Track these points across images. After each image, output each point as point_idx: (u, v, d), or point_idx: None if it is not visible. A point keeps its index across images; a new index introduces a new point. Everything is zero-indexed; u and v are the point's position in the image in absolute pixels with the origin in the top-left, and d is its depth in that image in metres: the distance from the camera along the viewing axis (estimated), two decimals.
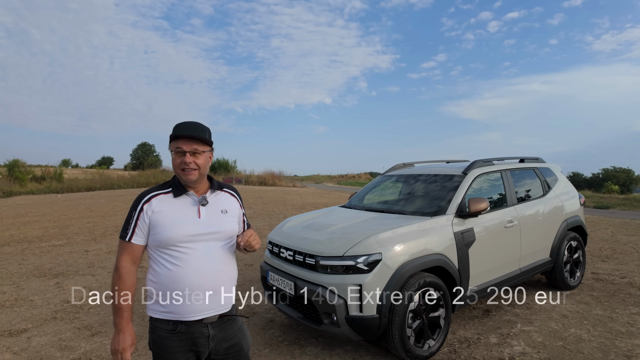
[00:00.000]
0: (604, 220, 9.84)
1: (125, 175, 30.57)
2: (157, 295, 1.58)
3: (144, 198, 1.59)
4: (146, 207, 1.57)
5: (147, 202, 1.58)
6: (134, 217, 1.57)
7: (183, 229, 1.55)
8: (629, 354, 2.96)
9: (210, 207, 1.64)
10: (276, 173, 31.36)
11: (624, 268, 5.30)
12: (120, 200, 16.16)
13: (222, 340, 1.64)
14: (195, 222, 1.58)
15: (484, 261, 3.43)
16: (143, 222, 1.56)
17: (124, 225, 1.58)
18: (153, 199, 1.59)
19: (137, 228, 1.56)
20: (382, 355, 3.03)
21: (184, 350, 1.58)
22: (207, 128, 1.63)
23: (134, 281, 1.58)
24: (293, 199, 16.10)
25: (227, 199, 1.73)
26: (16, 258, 6.46)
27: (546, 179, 4.51)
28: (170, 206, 1.59)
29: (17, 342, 3.38)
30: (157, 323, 1.59)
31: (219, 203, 1.68)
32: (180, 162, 1.56)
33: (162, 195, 1.60)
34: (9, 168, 25.31)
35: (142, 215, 1.56)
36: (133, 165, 54.28)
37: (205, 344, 1.60)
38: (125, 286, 1.55)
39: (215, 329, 1.62)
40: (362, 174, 52.26)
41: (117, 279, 1.55)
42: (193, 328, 1.57)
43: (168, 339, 1.56)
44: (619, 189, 25.31)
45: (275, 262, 3.40)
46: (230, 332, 1.67)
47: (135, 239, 1.57)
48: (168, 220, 1.56)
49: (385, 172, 4.88)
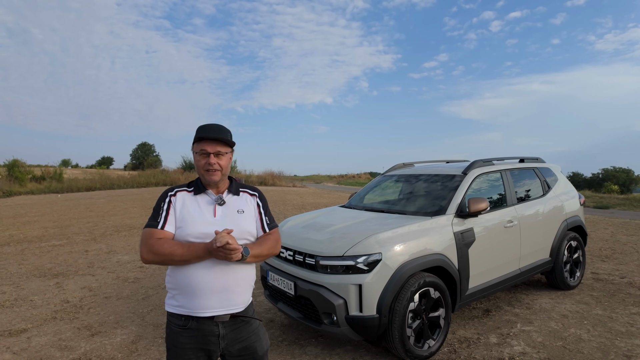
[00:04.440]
0: (603, 220, 9.84)
1: (125, 175, 30.54)
2: (172, 289, 1.62)
3: (171, 192, 1.66)
4: (173, 200, 1.64)
5: (173, 195, 1.65)
6: (164, 207, 1.62)
7: (198, 227, 1.59)
8: (628, 354, 2.96)
9: (227, 207, 1.68)
10: (276, 173, 31.36)
11: (623, 268, 5.30)
12: (120, 200, 16.15)
13: (234, 341, 1.64)
14: (210, 221, 1.62)
15: (483, 261, 3.43)
16: (172, 212, 1.62)
17: (153, 216, 1.61)
18: (178, 194, 1.67)
19: (169, 216, 1.61)
20: (382, 355, 3.03)
21: (195, 347, 1.59)
22: (228, 130, 1.69)
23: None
24: (293, 199, 16.09)
25: (246, 199, 1.75)
26: (16, 258, 6.46)
27: (546, 179, 4.51)
28: (190, 203, 1.65)
29: (17, 342, 3.37)
30: (171, 318, 1.64)
31: (236, 203, 1.71)
32: (204, 163, 1.62)
33: (184, 192, 1.68)
34: (9, 168, 25.27)
35: (171, 206, 1.63)
36: (133, 165, 54.25)
37: (216, 343, 1.60)
38: (170, 241, 1.55)
39: (227, 329, 1.62)
40: (362, 174, 52.25)
41: (159, 245, 1.52)
42: (203, 325, 1.58)
43: (179, 334, 1.59)
44: (619, 189, 25.33)
45: (275, 262, 3.40)
46: (244, 334, 1.66)
47: (168, 226, 1.59)
48: (186, 216, 1.61)
49: (385, 172, 4.88)
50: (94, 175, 28.58)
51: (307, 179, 47.26)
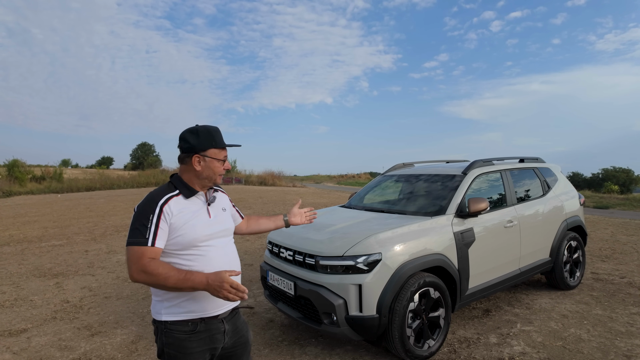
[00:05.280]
0: (603, 220, 9.84)
1: (125, 175, 30.56)
2: (175, 297, 1.54)
3: (161, 201, 1.54)
4: (166, 210, 1.53)
5: (165, 205, 1.54)
6: (153, 221, 1.50)
7: (202, 230, 1.59)
8: (628, 354, 2.96)
9: (214, 206, 1.71)
10: (276, 173, 31.40)
11: (623, 268, 5.30)
12: (120, 200, 16.15)
13: (234, 334, 1.69)
14: (208, 222, 1.63)
15: (483, 261, 3.43)
16: (164, 225, 1.52)
17: (139, 232, 1.48)
18: (170, 202, 1.56)
19: (159, 231, 1.50)
20: (382, 355, 3.03)
21: (202, 350, 1.58)
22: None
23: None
24: (293, 199, 16.09)
25: (222, 197, 1.83)
26: (16, 258, 6.46)
27: (546, 179, 4.51)
28: (186, 208, 1.58)
29: (17, 342, 3.37)
30: (173, 326, 1.55)
31: (219, 202, 1.76)
32: (222, 169, 1.67)
33: (175, 198, 1.58)
34: (9, 168, 25.29)
35: (162, 219, 1.51)
36: (133, 165, 54.29)
37: (221, 340, 1.62)
38: (165, 264, 1.48)
39: (229, 324, 1.66)
40: (362, 174, 52.28)
41: (154, 267, 1.44)
42: (211, 325, 1.59)
43: (187, 340, 1.54)
44: (619, 189, 25.33)
45: (275, 262, 3.40)
46: (239, 325, 1.73)
47: (158, 242, 1.50)
48: (188, 222, 1.56)
49: (385, 172, 4.88)
50: (94, 175, 28.60)
51: (307, 179, 47.27)
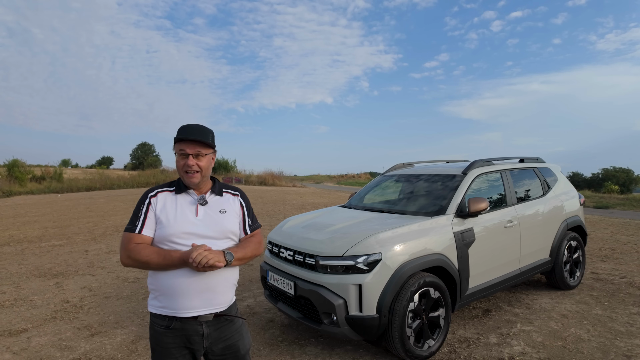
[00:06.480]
0: (603, 220, 9.84)
1: (125, 175, 30.55)
2: (154, 290, 1.61)
3: (151, 193, 1.65)
4: (153, 201, 1.62)
5: (153, 197, 1.64)
6: (142, 210, 1.61)
7: (180, 226, 1.58)
8: (628, 354, 2.96)
9: (209, 207, 1.67)
10: (276, 173, 31.42)
11: (623, 268, 5.30)
12: (120, 200, 16.15)
13: (218, 340, 1.64)
14: (192, 220, 1.61)
15: (483, 261, 3.43)
16: (152, 214, 1.60)
17: (132, 219, 1.61)
18: (159, 194, 1.65)
19: (147, 220, 1.59)
20: (382, 355, 3.03)
21: (179, 347, 1.59)
22: (210, 131, 1.67)
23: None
24: (293, 199, 16.09)
25: (228, 200, 1.75)
26: (16, 258, 6.46)
27: (546, 179, 4.51)
28: (171, 203, 1.64)
29: (17, 342, 3.37)
30: (154, 318, 1.63)
31: (219, 203, 1.70)
32: (183, 165, 1.61)
33: (166, 192, 1.66)
34: (9, 168, 25.28)
35: (150, 209, 1.61)
36: (133, 165, 54.30)
37: (200, 342, 1.60)
38: (148, 248, 1.55)
39: (211, 328, 1.62)
40: (362, 174, 52.31)
41: (136, 252, 1.52)
42: (187, 325, 1.58)
43: (163, 335, 1.59)
44: (619, 189, 25.32)
45: (275, 262, 3.40)
46: (227, 333, 1.66)
47: (145, 230, 1.59)
48: (169, 216, 1.60)
49: (385, 172, 4.88)
50: (94, 175, 28.58)
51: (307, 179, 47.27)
